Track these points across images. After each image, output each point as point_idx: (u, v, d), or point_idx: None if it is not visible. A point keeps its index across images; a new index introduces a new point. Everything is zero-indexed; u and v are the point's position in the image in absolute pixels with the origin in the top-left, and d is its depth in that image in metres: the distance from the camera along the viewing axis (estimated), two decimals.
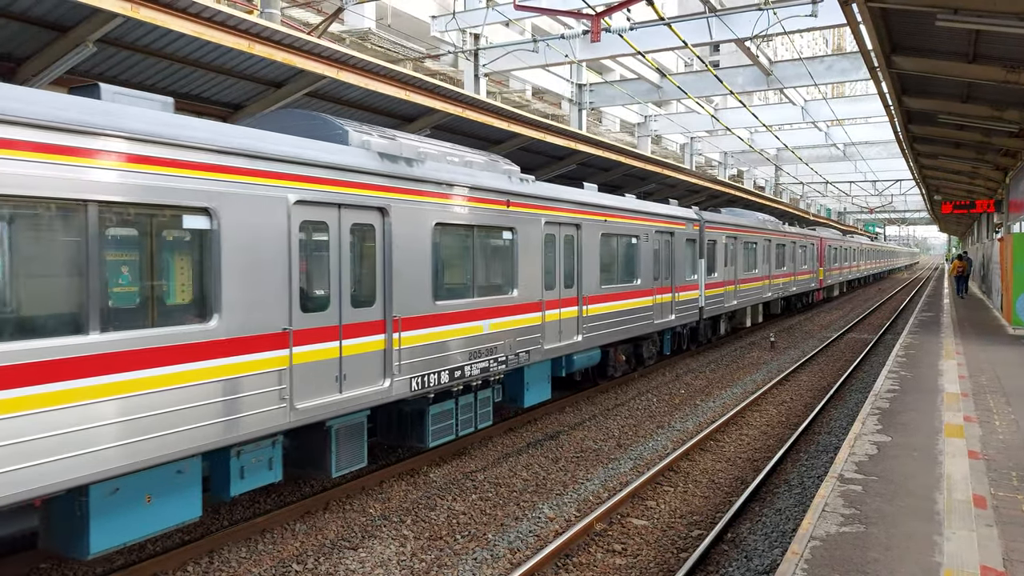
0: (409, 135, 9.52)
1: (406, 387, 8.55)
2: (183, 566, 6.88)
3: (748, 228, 22.99)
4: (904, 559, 5.04)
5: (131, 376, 5.77)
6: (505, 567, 6.94)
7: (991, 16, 8.72)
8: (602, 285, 13.24)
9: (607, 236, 13.57)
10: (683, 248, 17.31)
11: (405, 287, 8.56)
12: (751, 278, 23.24)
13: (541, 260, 11.27)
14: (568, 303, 12.19)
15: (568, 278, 12.23)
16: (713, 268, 19.54)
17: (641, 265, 14.97)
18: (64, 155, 5.34)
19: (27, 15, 7.63)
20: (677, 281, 16.88)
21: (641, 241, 14.95)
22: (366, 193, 8.03)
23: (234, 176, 6.58)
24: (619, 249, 14.16)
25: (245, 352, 6.66)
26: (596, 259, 13.03)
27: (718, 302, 20.01)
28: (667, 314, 16.37)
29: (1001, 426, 8.82)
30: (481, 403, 10.28)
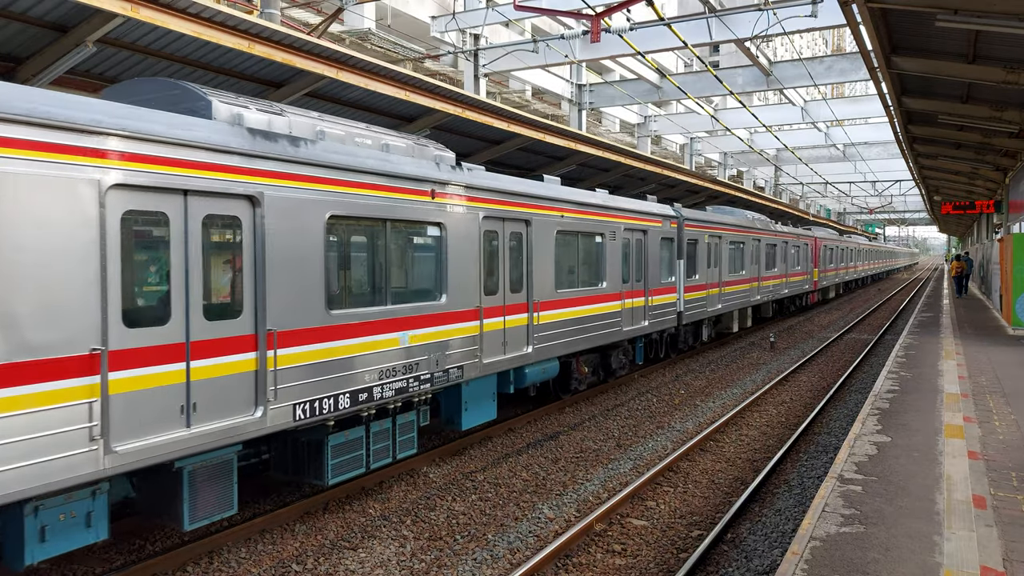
0: (310, 112, 8.05)
1: (287, 416, 7.06)
2: (183, 566, 6.88)
3: (734, 227, 21.62)
4: (904, 559, 5.04)
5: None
6: (505, 567, 6.94)
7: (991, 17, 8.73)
8: (558, 289, 11.91)
9: (565, 234, 12.19)
10: (658, 248, 15.98)
11: (286, 294, 7.07)
12: (738, 280, 21.92)
13: (479, 261, 9.87)
14: (516, 310, 10.81)
15: (516, 281, 10.88)
16: (694, 269, 18.26)
17: (607, 266, 13.56)
18: None
19: (27, 15, 7.63)
20: (651, 284, 15.60)
21: (607, 239, 13.56)
22: (227, 177, 6.55)
23: (9, 150, 5.11)
24: (580, 248, 12.76)
25: (27, 381, 5.18)
26: (551, 259, 11.65)
27: (700, 306, 18.70)
28: (639, 320, 15.03)
29: (1001, 426, 8.82)
30: (401, 429, 8.80)
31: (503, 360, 10.52)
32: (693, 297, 18.14)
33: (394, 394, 8.43)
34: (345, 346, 7.80)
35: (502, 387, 11.09)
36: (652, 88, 29.35)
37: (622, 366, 15.15)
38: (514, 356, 10.77)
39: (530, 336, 11.16)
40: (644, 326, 15.29)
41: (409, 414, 8.94)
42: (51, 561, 6.88)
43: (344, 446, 8.00)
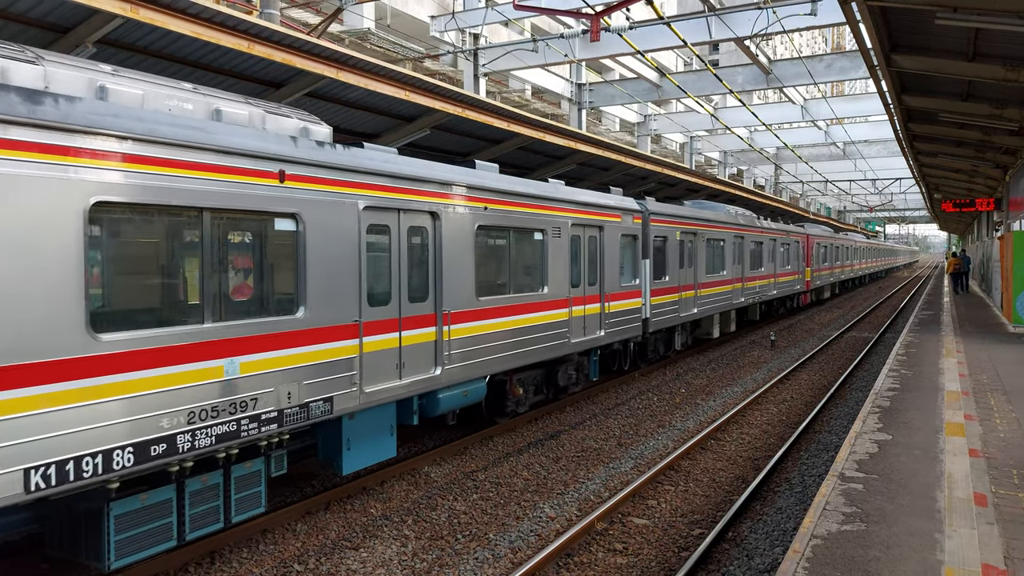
0: (98, 65, 6.30)
1: (16, 485, 5.06)
2: (184, 567, 6.88)
3: (713, 222, 19.68)
4: (905, 557, 5.04)
5: None
6: (506, 567, 6.94)
7: (990, 14, 8.73)
8: (481, 296, 10.06)
9: (489, 229, 10.38)
10: (617, 246, 14.07)
11: (20, 310, 5.10)
12: (717, 281, 20.10)
13: (358, 263, 7.93)
14: (418, 323, 8.90)
15: (418, 289, 9.02)
16: (663, 270, 16.46)
17: (550, 268, 11.70)
18: None
19: (27, 16, 7.63)
20: (608, 287, 13.68)
21: (550, 237, 11.66)
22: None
23: None
24: (512, 247, 10.94)
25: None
26: (469, 261, 9.77)
27: (670, 311, 16.83)
28: (593, 329, 13.14)
29: (1002, 424, 8.82)
30: (240, 483, 6.88)
31: (397, 387, 8.45)
32: (662, 301, 16.35)
33: (214, 441, 6.37)
34: (120, 383, 5.69)
35: (404, 418, 9.08)
36: (652, 87, 29.35)
37: (573, 382, 13.29)
38: (415, 381, 8.77)
39: (440, 355, 9.17)
40: (599, 336, 13.36)
41: (253, 463, 7.01)
42: (52, 561, 6.89)
43: (138, 515, 6.05)
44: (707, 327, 20.90)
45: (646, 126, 35.43)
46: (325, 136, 8.06)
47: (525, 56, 23.41)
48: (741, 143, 39.80)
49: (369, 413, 8.46)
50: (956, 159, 22.19)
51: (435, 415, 9.42)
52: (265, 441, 7.02)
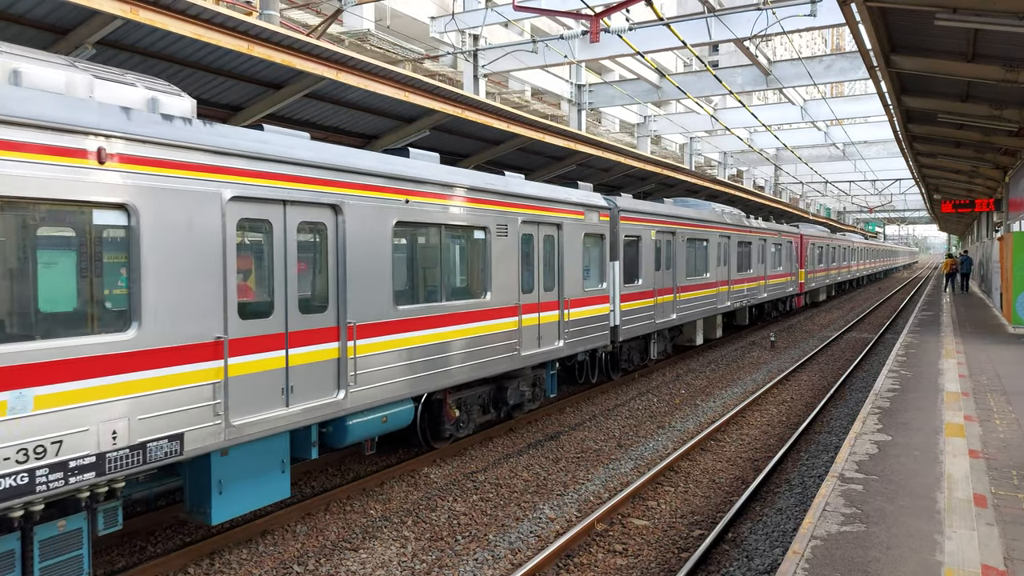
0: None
1: None
2: (184, 568, 6.88)
3: (694, 221, 18.20)
4: (905, 558, 5.04)
5: None
6: (506, 568, 6.94)
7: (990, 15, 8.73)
8: (401, 305, 8.69)
9: (413, 226, 8.98)
10: (580, 246, 12.65)
11: None
12: (700, 284, 18.64)
13: (221, 268, 6.51)
14: (312, 338, 7.49)
15: (314, 297, 7.63)
16: (636, 273, 15.06)
17: (494, 271, 10.36)
18: None
19: (27, 17, 7.63)
20: (569, 293, 12.25)
21: (494, 235, 10.33)
22: None
23: None
24: (443, 247, 9.53)
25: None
26: (385, 264, 8.39)
27: (644, 318, 15.38)
28: (551, 340, 11.75)
29: (1001, 425, 8.82)
30: (49, 548, 5.58)
31: (283, 416, 7.07)
32: (635, 307, 14.90)
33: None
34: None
35: (301, 451, 7.75)
36: (651, 88, 29.37)
37: (528, 399, 11.93)
38: (310, 408, 7.37)
39: (344, 375, 7.77)
40: (557, 348, 11.90)
41: (70, 520, 5.71)
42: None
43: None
44: (689, 333, 19.61)
45: (646, 127, 35.44)
46: (183, 110, 6.56)
47: (525, 57, 23.42)
48: (741, 144, 39.82)
49: (249, 449, 6.99)
50: (956, 160, 22.21)
51: (344, 445, 8.05)
52: (87, 492, 5.64)
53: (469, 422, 10.69)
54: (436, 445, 10.29)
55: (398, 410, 8.73)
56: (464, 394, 10.48)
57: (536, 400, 12.19)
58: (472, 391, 10.66)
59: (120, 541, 7.38)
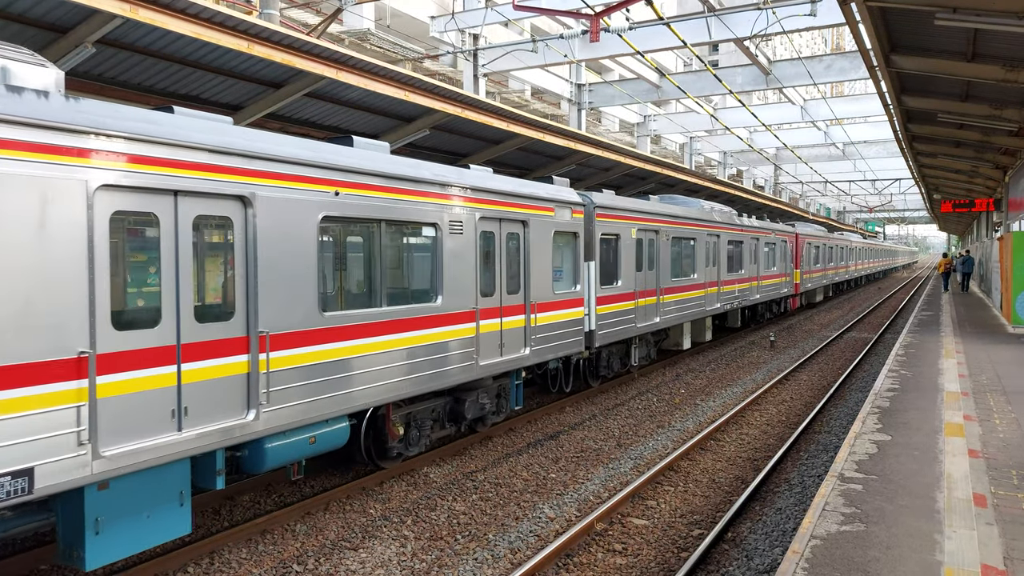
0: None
1: None
2: (183, 567, 6.88)
3: (679, 219, 17.21)
4: (905, 558, 5.04)
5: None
6: (506, 567, 6.94)
7: (990, 15, 8.73)
8: (328, 311, 7.71)
9: (344, 223, 8.08)
10: (549, 245, 11.73)
11: None
12: (687, 285, 17.70)
13: (87, 268, 5.53)
14: (213, 350, 6.50)
15: (217, 305, 6.72)
16: (614, 274, 14.13)
17: (446, 273, 9.39)
18: None
19: (26, 16, 7.63)
20: (537, 295, 11.35)
21: (445, 233, 9.35)
22: None
23: None
24: (383, 246, 8.49)
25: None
26: (309, 264, 7.40)
27: (624, 321, 14.42)
28: (514, 347, 10.83)
29: (1001, 425, 8.82)
30: None
31: (174, 443, 6.05)
32: (613, 310, 13.97)
33: None
34: None
35: (205, 480, 6.77)
36: (651, 87, 29.37)
37: (491, 411, 11.03)
38: (210, 431, 6.36)
39: (255, 392, 6.80)
40: (523, 355, 10.99)
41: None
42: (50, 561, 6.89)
43: None
44: (676, 337, 18.71)
45: (646, 126, 35.44)
46: (44, 83, 5.57)
47: (525, 56, 23.41)
48: (741, 143, 39.83)
49: (135, 480, 5.99)
50: (955, 160, 22.21)
51: (262, 471, 7.17)
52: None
53: (421, 439, 9.66)
54: (383, 464, 9.31)
55: (330, 429, 7.81)
56: (414, 408, 9.48)
57: (500, 412, 11.23)
58: (424, 405, 9.66)
59: None
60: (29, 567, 6.83)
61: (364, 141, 8.63)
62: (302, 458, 7.63)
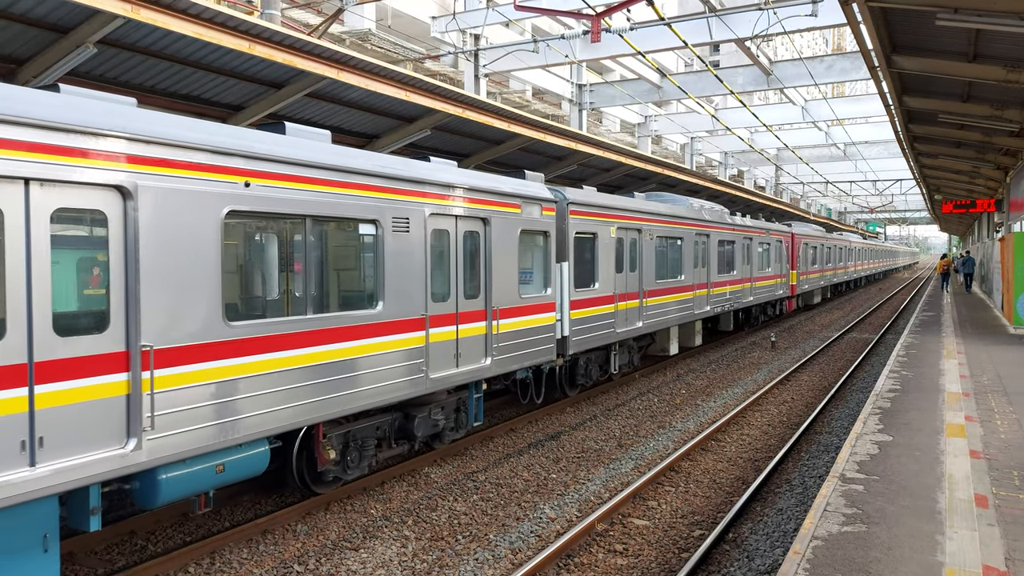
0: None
1: None
2: (184, 567, 6.88)
3: (663, 217, 16.20)
4: (906, 559, 5.04)
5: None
6: (507, 567, 6.94)
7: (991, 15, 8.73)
8: (236, 322, 6.67)
9: (257, 218, 7.04)
10: (515, 245, 10.80)
11: None
12: (673, 288, 16.77)
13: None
14: (80, 369, 5.50)
15: (84, 315, 5.71)
16: (591, 276, 13.19)
17: (388, 276, 8.39)
18: None
19: (28, 16, 7.63)
20: (500, 300, 10.45)
21: (386, 231, 8.33)
22: None
23: None
24: (308, 246, 7.46)
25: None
26: (210, 266, 6.41)
27: (601, 327, 13.46)
28: (473, 357, 9.90)
29: (1002, 425, 8.82)
30: None
31: (20, 481, 5.08)
32: (589, 315, 13.03)
33: None
34: None
35: (77, 520, 5.85)
36: (652, 88, 29.37)
37: (449, 427, 10.11)
38: (76, 465, 5.39)
39: (137, 417, 5.81)
40: (483, 366, 10.09)
41: None
42: None
43: None
44: (662, 342, 17.83)
45: (647, 127, 35.44)
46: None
47: (526, 57, 23.41)
48: (742, 144, 39.82)
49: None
50: (957, 160, 22.20)
51: (156, 506, 6.22)
52: None
53: (362, 460, 8.62)
54: (318, 490, 8.35)
55: (244, 455, 6.82)
56: (354, 427, 8.49)
57: (459, 428, 10.28)
58: (366, 423, 8.68)
59: (120, 540, 7.38)
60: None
61: (299, 128, 7.74)
62: (209, 489, 6.60)
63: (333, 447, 8.15)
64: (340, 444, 8.31)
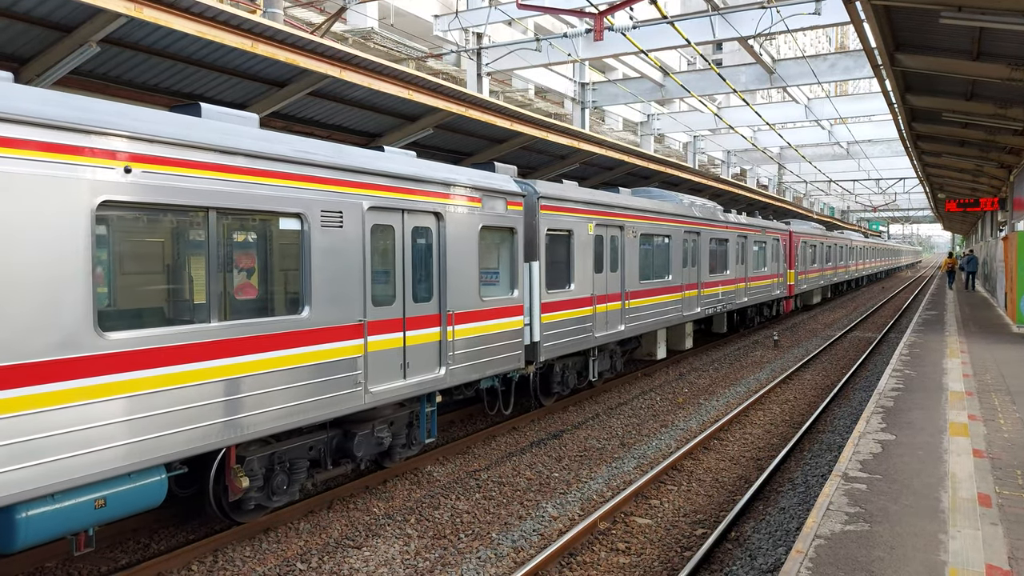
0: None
1: None
2: (187, 565, 6.89)
3: (647, 213, 15.26)
4: (909, 558, 5.03)
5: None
6: (509, 566, 6.94)
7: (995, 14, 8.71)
8: (113, 332, 5.74)
9: (143, 210, 6.09)
10: (474, 243, 9.88)
11: None
12: (659, 288, 15.91)
13: None
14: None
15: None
16: (565, 277, 12.29)
17: (315, 277, 7.46)
18: None
19: (30, 15, 7.64)
20: (457, 303, 9.57)
21: (314, 227, 7.42)
22: None
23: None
24: (211, 243, 6.53)
25: None
26: (75, 268, 5.48)
27: (578, 331, 12.61)
28: (425, 367, 8.99)
29: (1006, 424, 8.80)
30: None
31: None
32: (564, 318, 12.15)
33: None
34: None
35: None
36: (655, 86, 29.34)
37: (401, 444, 9.17)
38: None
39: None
40: (436, 376, 9.18)
41: None
42: (58, 559, 6.90)
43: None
44: (649, 346, 17.04)
45: (649, 125, 35.41)
46: None
47: (528, 55, 23.41)
48: (744, 142, 39.77)
49: None
50: (960, 159, 22.16)
51: (15, 549, 5.33)
52: None
53: (290, 484, 7.69)
54: (239, 519, 7.41)
55: (131, 487, 5.92)
56: (280, 448, 7.55)
57: (413, 445, 9.36)
58: (294, 443, 7.72)
59: (124, 538, 7.39)
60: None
61: (220, 110, 6.94)
62: (89, 526, 5.72)
63: (253, 472, 7.21)
64: (263, 467, 7.38)
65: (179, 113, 6.62)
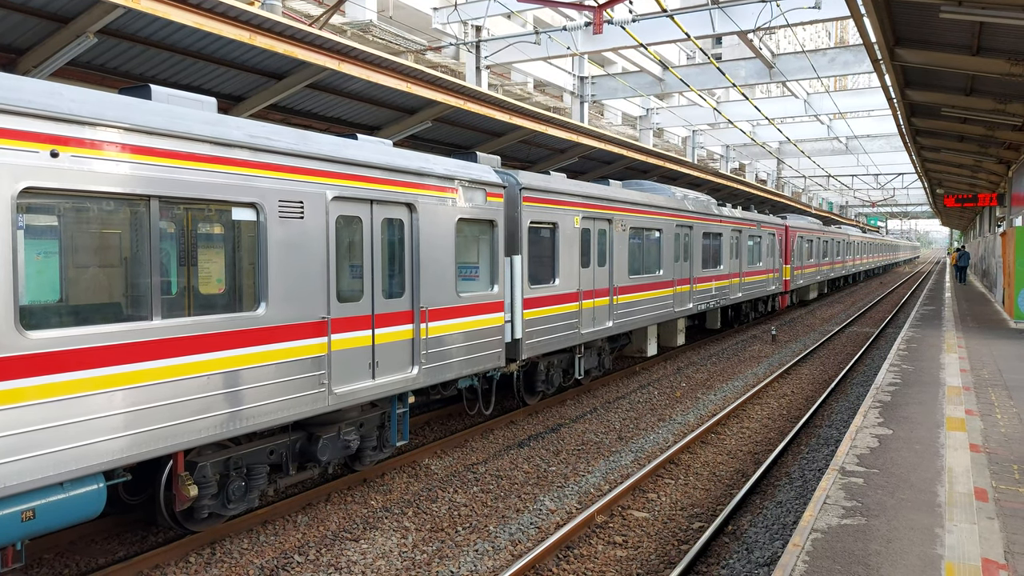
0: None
1: None
2: (185, 557, 6.90)
3: (637, 207, 14.78)
4: (905, 551, 5.04)
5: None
6: (506, 559, 6.96)
7: (995, 8, 8.69)
8: (40, 331, 5.28)
9: (75, 198, 5.59)
10: (451, 236, 9.40)
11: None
12: (649, 283, 15.47)
13: None
14: None
15: None
16: (550, 271, 11.89)
17: (271, 272, 6.97)
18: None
19: (27, 6, 7.61)
20: (432, 299, 9.13)
21: (271, 218, 6.95)
22: None
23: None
24: (153, 234, 6.00)
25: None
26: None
27: (563, 328, 12.18)
28: (396, 367, 8.55)
29: (1003, 419, 8.82)
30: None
31: None
32: (548, 314, 11.76)
33: None
34: None
35: None
36: (654, 80, 29.27)
37: (371, 447, 8.76)
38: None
39: None
40: (408, 376, 8.73)
41: None
42: (55, 551, 6.91)
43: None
44: (639, 343, 16.62)
45: (648, 120, 35.36)
46: None
47: (527, 49, 23.35)
48: (743, 137, 39.73)
49: None
50: (959, 154, 22.17)
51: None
52: None
53: (249, 491, 7.25)
54: (193, 528, 6.99)
55: (63, 496, 5.44)
56: (236, 453, 7.12)
57: (383, 449, 8.96)
58: (253, 446, 7.30)
59: (121, 531, 7.40)
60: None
61: (173, 93, 6.50)
62: (16, 540, 5.22)
63: (205, 478, 6.77)
64: (217, 473, 6.96)
65: (127, 96, 6.18)
